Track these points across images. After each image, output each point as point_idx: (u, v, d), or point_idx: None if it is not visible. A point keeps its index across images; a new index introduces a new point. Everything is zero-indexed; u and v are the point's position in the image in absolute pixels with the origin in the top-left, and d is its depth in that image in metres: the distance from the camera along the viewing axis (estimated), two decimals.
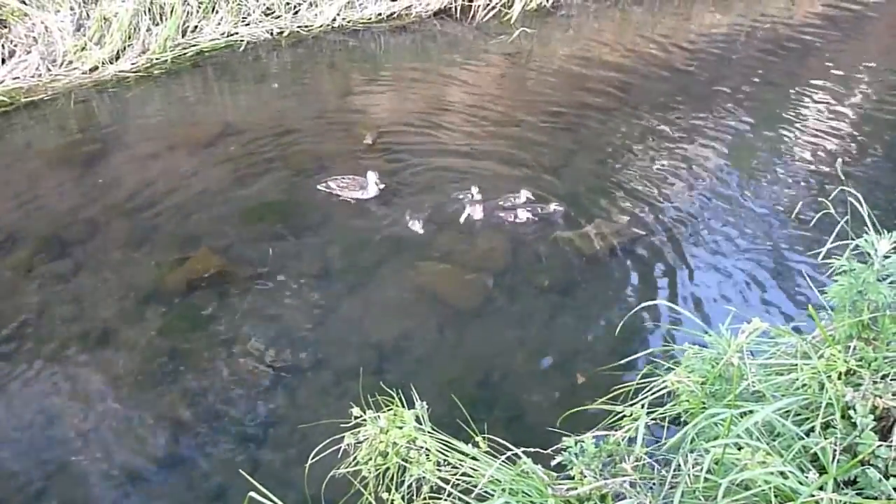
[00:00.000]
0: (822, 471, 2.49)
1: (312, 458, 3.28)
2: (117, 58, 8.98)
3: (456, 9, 10.96)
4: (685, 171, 7.32)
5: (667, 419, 3.36)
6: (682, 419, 3.33)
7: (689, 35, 10.71)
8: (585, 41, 10.60)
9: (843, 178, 4.57)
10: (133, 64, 8.97)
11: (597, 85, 9.15)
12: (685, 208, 6.72)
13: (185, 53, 9.32)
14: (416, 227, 6.30)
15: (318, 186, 6.76)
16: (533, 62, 9.98)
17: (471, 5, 10.85)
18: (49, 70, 8.64)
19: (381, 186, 6.66)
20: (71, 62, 8.78)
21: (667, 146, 7.76)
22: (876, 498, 2.41)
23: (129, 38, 9.04)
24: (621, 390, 3.78)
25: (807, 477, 2.44)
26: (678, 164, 7.44)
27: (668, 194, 6.92)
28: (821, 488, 2.34)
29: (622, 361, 4.33)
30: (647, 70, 9.59)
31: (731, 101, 8.76)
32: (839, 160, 6.96)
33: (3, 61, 8.58)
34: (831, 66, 9.69)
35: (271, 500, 2.58)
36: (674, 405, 3.38)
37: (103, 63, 8.83)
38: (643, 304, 3.93)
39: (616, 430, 3.33)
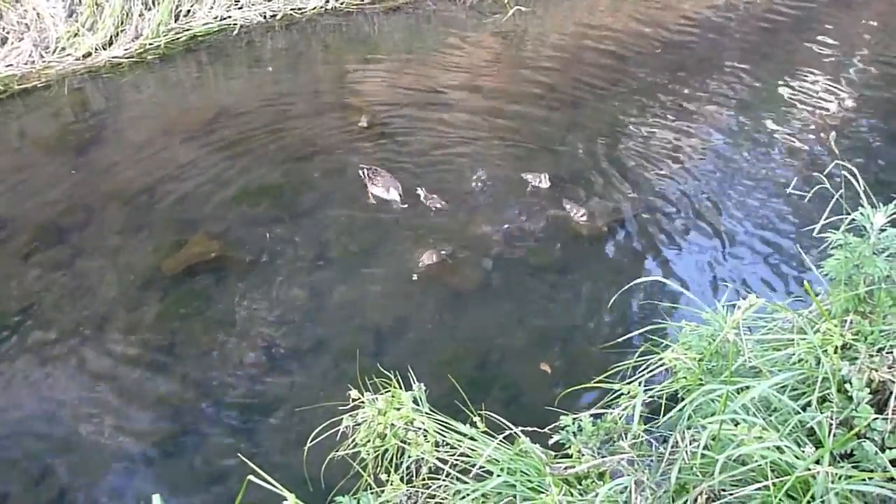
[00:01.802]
0: (819, 445, 2.50)
1: (311, 441, 3.29)
2: (110, 43, 8.88)
3: None
4: (681, 147, 7.30)
5: (664, 396, 3.36)
6: (679, 396, 3.33)
7: (685, 10, 10.61)
8: (580, 18, 10.50)
9: (836, 151, 4.56)
10: (126, 49, 8.88)
11: (592, 62, 9.09)
12: (680, 185, 6.71)
13: (178, 38, 9.23)
14: (436, 204, 6.39)
15: (359, 172, 6.66)
16: (528, 40, 9.90)
17: None
18: (42, 57, 8.56)
19: (405, 206, 6.39)
20: (64, 48, 8.69)
21: (662, 123, 7.73)
22: (872, 471, 2.42)
23: (122, 23, 8.95)
24: (618, 368, 3.78)
25: (803, 451, 2.45)
26: (674, 140, 7.41)
27: (664, 171, 6.90)
28: (817, 462, 2.35)
29: (619, 339, 4.34)
30: (642, 46, 9.52)
31: (728, 76, 8.71)
32: (832, 133, 6.96)
33: None
34: (828, 38, 9.64)
35: (270, 483, 2.58)
36: (671, 382, 3.38)
37: (96, 49, 8.74)
38: (638, 281, 3.93)
39: (613, 409, 3.34)
